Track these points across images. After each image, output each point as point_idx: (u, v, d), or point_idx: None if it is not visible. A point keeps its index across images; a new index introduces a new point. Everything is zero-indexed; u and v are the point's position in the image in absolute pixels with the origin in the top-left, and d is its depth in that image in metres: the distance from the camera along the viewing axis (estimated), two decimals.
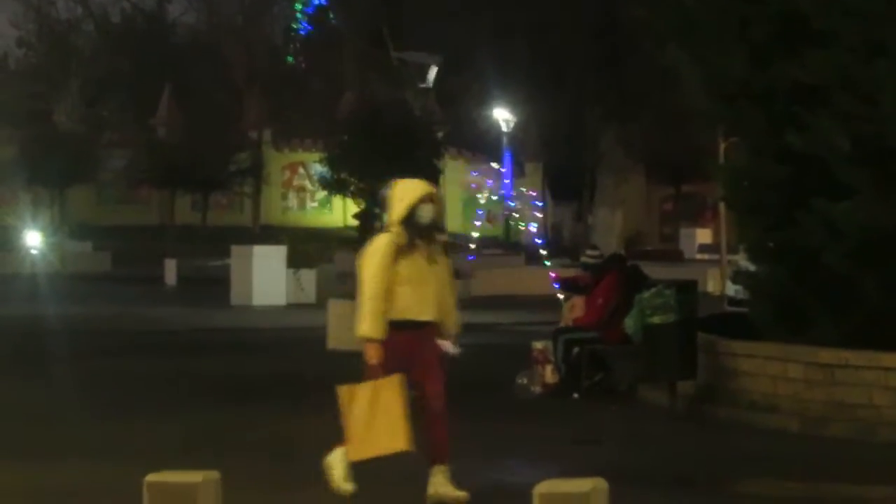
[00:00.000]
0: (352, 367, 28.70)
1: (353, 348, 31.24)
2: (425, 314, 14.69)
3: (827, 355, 21.38)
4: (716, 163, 29.70)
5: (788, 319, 22.89)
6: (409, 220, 14.57)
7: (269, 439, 20.85)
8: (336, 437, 16.78)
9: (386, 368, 14.54)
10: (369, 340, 14.53)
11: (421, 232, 14.68)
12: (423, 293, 14.70)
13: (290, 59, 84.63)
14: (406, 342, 14.59)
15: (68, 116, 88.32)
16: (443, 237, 15.34)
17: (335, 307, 35.28)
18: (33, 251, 65.67)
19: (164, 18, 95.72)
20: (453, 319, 15.01)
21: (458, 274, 32.17)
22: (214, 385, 28.14)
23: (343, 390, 14.67)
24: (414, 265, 14.67)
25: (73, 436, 20.65)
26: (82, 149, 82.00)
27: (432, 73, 59.68)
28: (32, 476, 16.42)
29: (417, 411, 15.02)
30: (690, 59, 24.82)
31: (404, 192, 14.81)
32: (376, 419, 14.78)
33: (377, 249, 14.45)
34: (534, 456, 16.95)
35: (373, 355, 14.58)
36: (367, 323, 14.50)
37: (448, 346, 15.11)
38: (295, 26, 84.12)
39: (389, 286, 14.49)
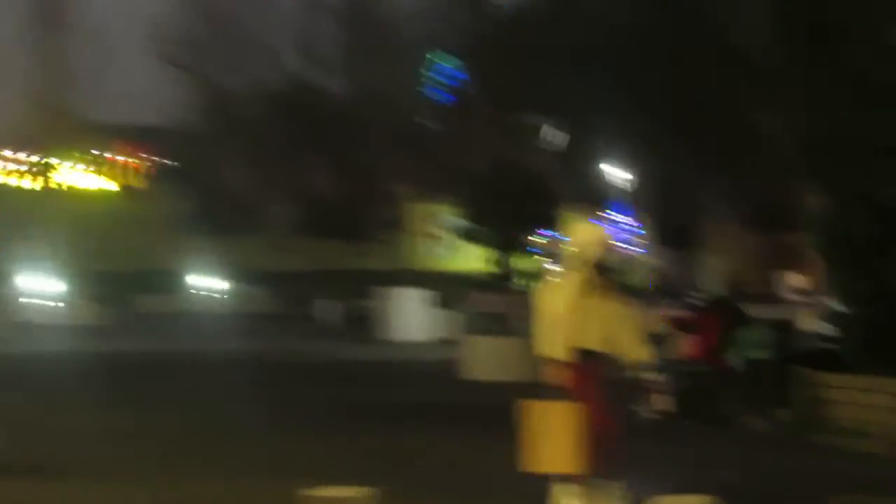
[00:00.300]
0: (488, 394, 29.38)
1: (485, 378, 31.65)
2: (600, 345, 14.14)
3: None
4: (809, 215, 29.69)
5: (875, 355, 22.41)
6: (593, 262, 14.28)
7: (426, 457, 20.41)
8: (486, 454, 18.08)
9: (567, 391, 14.11)
10: (557, 364, 14.21)
11: (602, 272, 14.31)
12: (601, 326, 14.17)
13: (428, 123, 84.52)
14: (586, 368, 14.14)
15: (236, 174, 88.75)
16: (618, 277, 15.06)
17: (469, 342, 35.14)
18: (209, 293, 65.98)
19: (317, 89, 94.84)
20: (631, 350, 14.35)
21: None
22: (371, 409, 27.79)
23: (527, 406, 13.97)
24: (595, 301, 14.26)
25: (255, 451, 20.64)
26: (249, 203, 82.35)
27: (555, 134, 59.80)
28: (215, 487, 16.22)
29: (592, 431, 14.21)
30: (783, 123, 24.80)
31: (588, 237, 14.70)
32: (553, 438, 14.12)
33: (567, 285, 14.39)
34: (649, 474, 16.25)
35: (558, 377, 14.22)
36: (557, 348, 14.14)
37: (629, 371, 15.05)
38: (435, 96, 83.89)
39: (577, 322, 14.11)
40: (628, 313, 14.70)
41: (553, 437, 13.98)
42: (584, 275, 14.29)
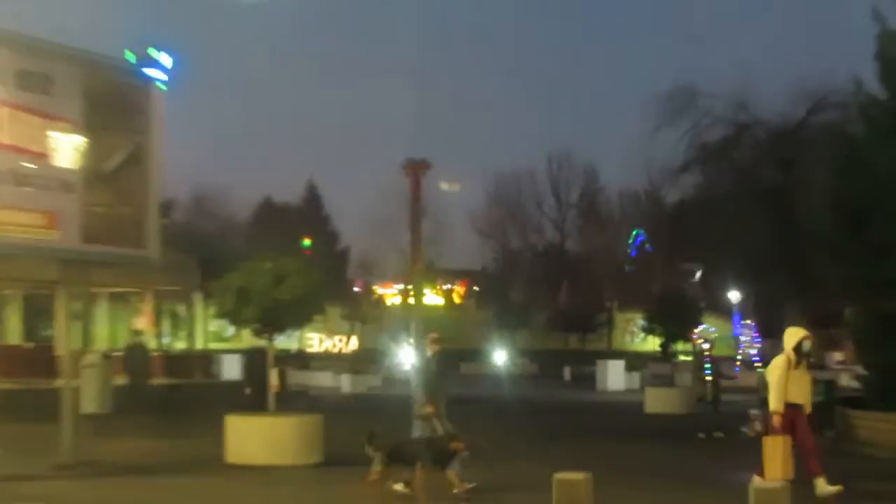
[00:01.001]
0: (660, 421, 29.94)
1: (658, 412, 31.92)
2: (800, 399, 14.85)
3: None
4: (846, 319, 29.11)
5: (884, 400, 21.76)
6: (797, 349, 14.88)
7: (625, 457, 20.06)
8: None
9: (783, 428, 14.67)
10: (775, 412, 14.70)
11: (801, 356, 14.90)
12: (800, 389, 14.86)
13: (628, 266, 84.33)
14: (791, 414, 14.72)
15: (516, 294, 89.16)
16: (811, 360, 15.55)
17: (650, 391, 35.16)
18: (503, 363, 65.22)
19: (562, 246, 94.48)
20: (809, 402, 15.06)
21: (727, 376, 32.16)
22: (590, 428, 27.42)
23: (767, 440, 14.65)
24: (796, 373, 14.85)
25: (523, 451, 20.37)
26: (525, 310, 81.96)
27: (698, 272, 59.73)
28: None
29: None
30: (833, 269, 24.75)
31: (795, 333, 15.11)
32: (778, 458, 14.41)
33: (780, 364, 14.74)
34: (750, 464, 16.58)
35: (777, 420, 14.66)
36: (774, 403, 14.66)
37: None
38: (632, 251, 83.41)
39: (786, 384, 14.66)
40: (809, 379, 15.47)
41: (781, 456, 14.34)
42: (788, 355, 14.84)
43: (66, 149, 16.85)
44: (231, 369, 42.80)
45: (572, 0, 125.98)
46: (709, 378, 28.68)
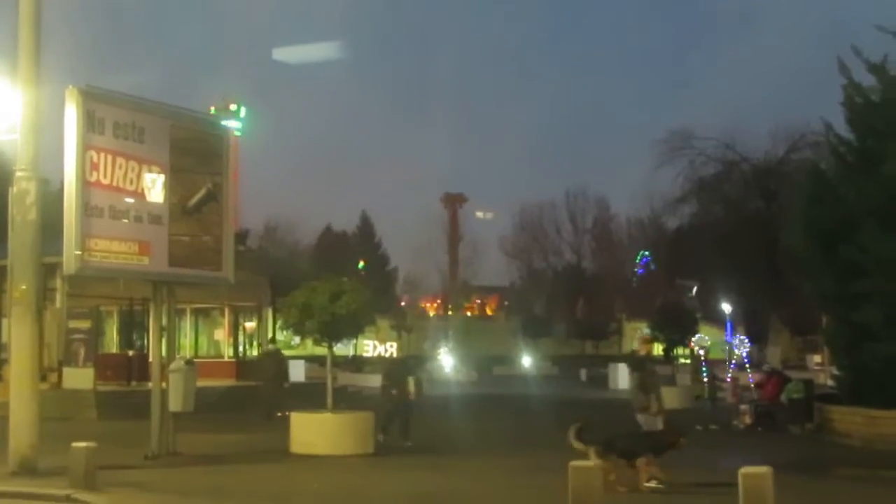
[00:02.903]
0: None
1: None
2: None
3: (874, 412, 20.24)
4: (822, 327, 28.81)
5: (855, 397, 21.63)
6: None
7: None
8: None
9: None
10: None
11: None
12: None
13: (634, 282, 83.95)
14: None
15: (539, 308, 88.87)
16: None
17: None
18: (528, 368, 64.70)
19: (579, 266, 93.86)
20: None
21: (720, 380, 31.71)
22: (619, 421, 27.04)
23: None
24: None
25: (541, 439, 20.15)
26: (545, 321, 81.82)
27: (695, 287, 59.39)
28: None
29: None
30: (809, 284, 24.49)
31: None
32: None
33: None
34: (741, 452, 16.16)
35: None
36: None
37: None
38: (638, 269, 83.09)
39: None
40: None
41: None
42: None
43: (156, 188, 17.12)
44: (296, 372, 43.26)
45: (584, 60, 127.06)
46: (705, 379, 28.60)
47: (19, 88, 16.02)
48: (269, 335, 33.12)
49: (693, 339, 37.32)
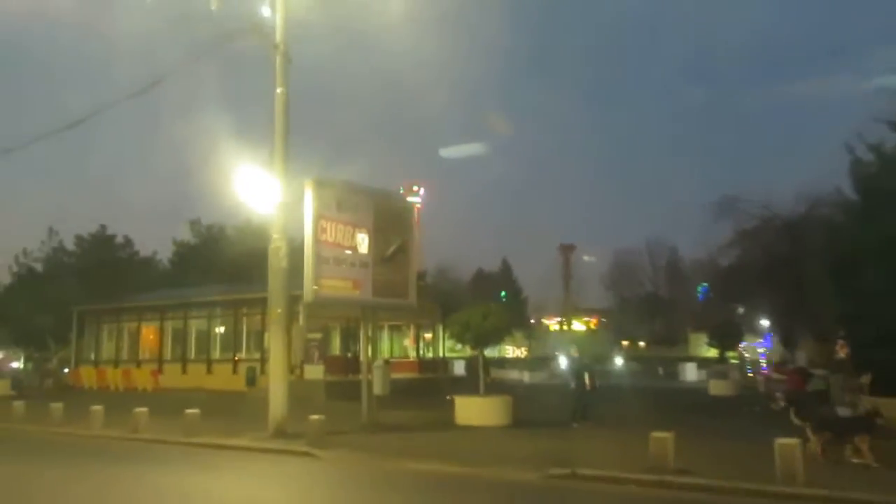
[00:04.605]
0: (719, 400, 26.91)
1: (719, 394, 29.09)
2: None
3: (879, 400, 16.75)
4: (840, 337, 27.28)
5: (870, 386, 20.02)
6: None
7: (696, 423, 18.08)
8: None
9: None
10: None
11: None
12: None
13: (697, 306, 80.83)
14: None
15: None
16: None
17: (712, 382, 32.95)
18: (621, 367, 62.52)
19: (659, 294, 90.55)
20: None
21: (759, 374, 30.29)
22: (671, 404, 25.09)
23: None
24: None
25: (624, 421, 18.31)
26: (635, 334, 79.43)
27: (741, 309, 57.24)
28: None
29: None
30: (826, 306, 23.50)
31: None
32: None
33: None
34: (771, 429, 15.81)
35: None
36: None
37: None
38: (700, 293, 79.86)
39: None
40: None
41: None
42: None
43: (364, 244, 17.45)
44: (458, 368, 42.00)
45: (653, 137, 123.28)
46: (750, 375, 27.49)
47: (275, 178, 16.60)
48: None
49: (740, 346, 35.97)
